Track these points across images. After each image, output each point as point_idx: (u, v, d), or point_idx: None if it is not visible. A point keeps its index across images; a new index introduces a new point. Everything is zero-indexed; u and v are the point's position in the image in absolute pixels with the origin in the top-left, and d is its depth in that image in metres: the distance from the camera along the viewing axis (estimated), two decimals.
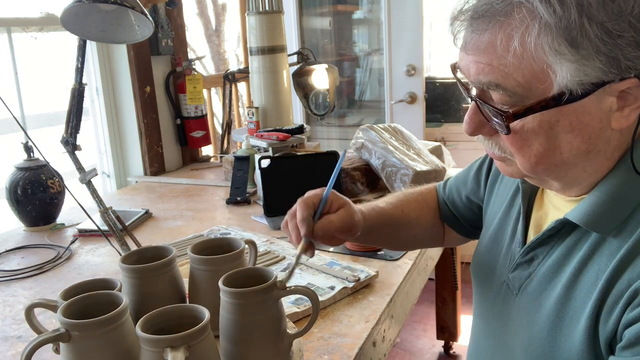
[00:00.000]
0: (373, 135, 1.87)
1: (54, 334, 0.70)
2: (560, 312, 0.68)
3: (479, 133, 0.70)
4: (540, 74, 0.60)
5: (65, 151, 1.30)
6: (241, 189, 1.88)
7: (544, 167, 0.66)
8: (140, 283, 0.88)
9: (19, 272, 1.39)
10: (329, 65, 2.45)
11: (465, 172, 1.02)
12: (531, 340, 0.72)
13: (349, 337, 1.03)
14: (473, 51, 0.64)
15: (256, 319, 0.78)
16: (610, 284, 0.62)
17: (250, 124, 2.15)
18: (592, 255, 0.66)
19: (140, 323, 0.70)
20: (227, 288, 0.78)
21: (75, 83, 1.28)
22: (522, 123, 0.63)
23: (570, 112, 0.61)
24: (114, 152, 2.32)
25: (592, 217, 0.66)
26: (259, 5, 2.11)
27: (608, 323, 0.62)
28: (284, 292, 0.80)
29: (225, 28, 4.72)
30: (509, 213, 0.85)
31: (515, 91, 0.62)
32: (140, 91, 2.24)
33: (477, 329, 0.92)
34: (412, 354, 2.60)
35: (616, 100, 0.61)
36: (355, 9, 3.54)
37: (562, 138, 0.63)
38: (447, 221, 1.06)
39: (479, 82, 0.65)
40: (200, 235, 1.56)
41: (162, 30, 2.30)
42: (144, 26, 1.29)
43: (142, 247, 0.95)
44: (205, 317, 0.71)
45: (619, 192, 0.65)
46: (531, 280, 0.75)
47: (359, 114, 3.63)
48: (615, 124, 0.63)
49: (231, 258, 0.89)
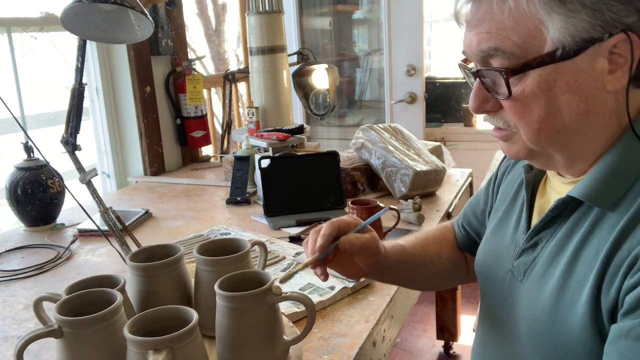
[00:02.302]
0: (373, 135, 1.87)
1: (46, 330, 0.72)
2: (563, 288, 0.70)
3: (484, 109, 0.73)
4: (534, 31, 0.65)
5: (65, 151, 1.30)
6: (241, 189, 1.88)
7: (546, 134, 0.69)
8: (145, 281, 0.88)
9: (19, 272, 1.39)
10: (329, 65, 2.45)
11: (478, 192, 1.05)
12: (534, 319, 0.74)
13: (349, 337, 1.03)
14: (474, 25, 0.69)
15: (249, 323, 0.77)
16: (610, 255, 0.65)
17: (250, 124, 2.15)
18: (593, 230, 0.69)
19: (129, 323, 0.70)
20: (221, 291, 0.77)
21: (75, 83, 1.28)
22: (522, 87, 0.67)
23: (565, 71, 0.65)
24: (114, 152, 2.32)
25: (593, 192, 0.69)
26: (259, 5, 2.11)
27: (610, 293, 0.64)
28: (279, 297, 0.78)
29: (225, 28, 4.73)
30: (513, 206, 0.87)
31: (513, 52, 0.66)
32: (140, 91, 2.24)
33: (484, 326, 0.91)
34: (412, 354, 2.60)
35: (607, 62, 0.65)
36: (355, 9, 3.54)
37: (561, 99, 0.67)
38: (466, 247, 1.05)
39: (480, 52, 0.69)
40: (200, 235, 1.56)
41: (162, 30, 2.30)
42: (144, 26, 1.29)
43: (153, 245, 0.95)
44: (193, 320, 0.70)
45: (618, 166, 0.68)
46: (535, 264, 0.76)
47: (359, 114, 3.63)
48: (609, 86, 0.66)
49: (236, 259, 0.88)
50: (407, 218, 1.59)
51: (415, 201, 1.61)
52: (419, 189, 1.75)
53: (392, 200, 1.77)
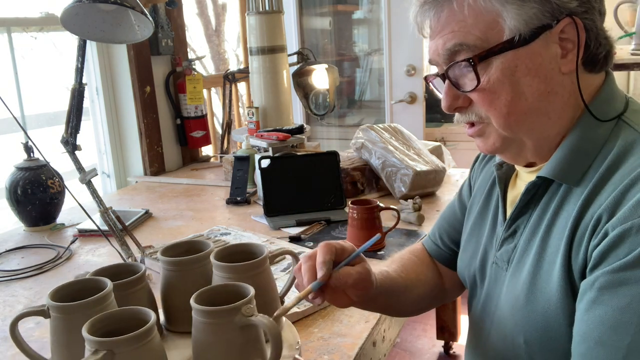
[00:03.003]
0: (373, 135, 1.87)
1: (36, 309, 0.79)
2: (539, 262, 0.75)
3: (456, 106, 0.79)
4: (492, 23, 0.72)
5: (65, 151, 1.31)
6: (241, 189, 1.88)
7: (515, 117, 0.75)
8: (169, 275, 0.89)
9: (19, 272, 1.39)
10: (329, 65, 2.45)
11: (449, 206, 1.07)
12: (516, 297, 0.78)
13: (349, 337, 1.03)
14: (438, 31, 0.76)
15: (211, 340, 0.73)
16: (577, 222, 0.71)
17: (250, 124, 2.15)
18: (562, 206, 0.75)
19: (97, 318, 0.71)
20: (194, 302, 0.74)
21: (75, 83, 1.28)
22: (488, 77, 0.73)
23: (524, 56, 0.72)
24: (114, 152, 2.32)
25: (559, 169, 0.75)
26: (259, 5, 2.11)
27: (579, 255, 0.70)
28: (247, 319, 0.72)
29: (225, 28, 4.73)
30: (488, 204, 0.92)
31: (476, 44, 0.73)
32: (140, 91, 2.24)
33: (474, 323, 0.93)
34: (412, 354, 2.60)
35: (559, 47, 0.73)
36: (355, 9, 3.54)
37: (523, 82, 0.73)
38: (447, 261, 1.04)
39: (446, 51, 0.75)
40: (200, 235, 1.56)
41: (162, 30, 2.30)
42: (144, 26, 1.29)
43: (192, 239, 0.95)
44: (145, 326, 0.68)
45: (580, 145, 0.75)
46: (516, 250, 0.81)
47: (359, 114, 3.63)
48: (564, 68, 0.74)
49: (251, 266, 0.85)
50: (407, 218, 1.59)
51: (415, 201, 1.61)
52: (419, 189, 1.75)
53: (392, 200, 1.77)
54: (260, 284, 0.85)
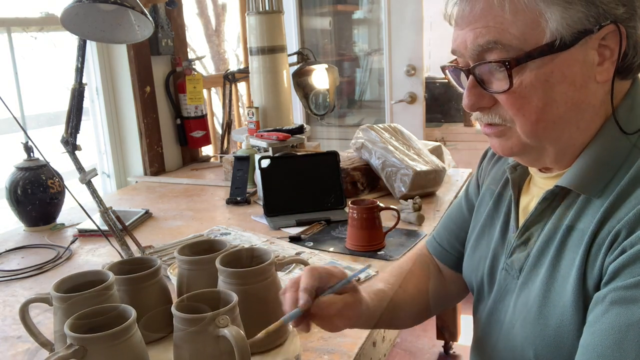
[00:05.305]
0: (373, 135, 1.87)
1: (42, 296, 0.84)
2: (553, 274, 0.72)
3: (479, 106, 0.74)
4: (533, 22, 0.67)
5: (65, 151, 1.31)
6: (241, 189, 1.88)
7: (544, 125, 0.70)
8: (185, 273, 0.90)
9: (19, 272, 1.39)
10: (329, 65, 2.45)
11: (455, 205, 1.04)
12: (528, 309, 0.75)
13: (349, 337, 1.02)
14: (469, 22, 0.70)
15: (185, 347, 0.73)
16: (594, 235, 0.68)
17: (250, 124, 2.15)
18: (579, 217, 0.72)
19: (76, 316, 0.72)
20: (176, 311, 0.74)
21: (75, 83, 1.28)
22: (520, 79, 0.69)
23: (562, 62, 0.68)
24: (114, 152, 2.32)
25: (580, 180, 0.72)
26: (259, 5, 2.11)
27: (594, 271, 0.67)
28: (220, 330, 0.71)
29: (225, 28, 4.73)
30: (498, 207, 0.89)
31: (512, 44, 0.68)
32: (140, 91, 2.24)
33: (479, 327, 0.91)
34: (412, 354, 2.60)
35: (597, 54, 0.69)
36: (355, 9, 3.54)
37: (557, 90, 0.69)
38: (453, 264, 1.02)
39: (477, 47, 0.70)
40: (200, 235, 1.56)
41: (162, 30, 2.30)
42: (144, 26, 1.29)
43: (215, 238, 0.98)
44: (118, 327, 0.69)
45: (603, 156, 0.71)
46: (529, 259, 0.78)
47: (359, 114, 3.63)
48: (599, 77, 0.69)
49: (257, 272, 0.85)
50: (407, 218, 1.59)
51: (415, 201, 1.61)
52: (419, 189, 1.75)
53: (392, 200, 1.77)
54: (264, 291, 0.85)
